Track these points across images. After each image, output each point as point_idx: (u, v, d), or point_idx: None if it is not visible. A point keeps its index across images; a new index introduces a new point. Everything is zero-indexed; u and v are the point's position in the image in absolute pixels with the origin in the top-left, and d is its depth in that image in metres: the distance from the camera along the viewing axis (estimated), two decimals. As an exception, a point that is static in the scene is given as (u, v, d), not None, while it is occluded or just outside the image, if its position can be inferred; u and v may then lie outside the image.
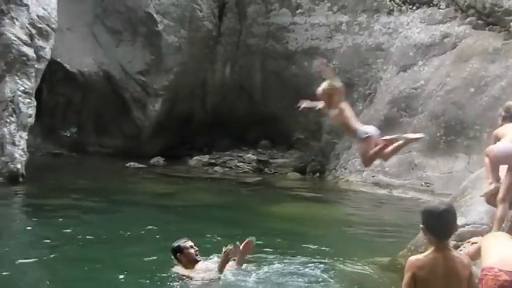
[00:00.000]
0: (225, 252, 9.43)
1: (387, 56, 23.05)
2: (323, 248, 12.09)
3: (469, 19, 21.61)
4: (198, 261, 9.65)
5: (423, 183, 20.23)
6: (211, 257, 10.06)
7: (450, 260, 5.08)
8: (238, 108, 26.60)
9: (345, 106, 8.77)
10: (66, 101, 26.76)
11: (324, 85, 8.77)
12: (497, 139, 8.89)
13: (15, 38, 18.87)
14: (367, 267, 10.70)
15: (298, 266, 10.52)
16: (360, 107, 22.88)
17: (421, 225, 5.18)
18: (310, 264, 10.64)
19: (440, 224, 5.06)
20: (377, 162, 20.95)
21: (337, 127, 22.19)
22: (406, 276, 5.12)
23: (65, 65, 25.83)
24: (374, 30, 23.69)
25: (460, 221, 7.83)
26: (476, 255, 6.69)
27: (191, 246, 9.62)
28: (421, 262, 5.10)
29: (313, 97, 9.04)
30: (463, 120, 20.08)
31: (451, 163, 19.91)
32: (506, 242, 6.55)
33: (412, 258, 5.21)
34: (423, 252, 5.34)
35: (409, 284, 5.09)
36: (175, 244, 9.72)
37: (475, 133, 19.65)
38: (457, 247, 8.70)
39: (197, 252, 9.65)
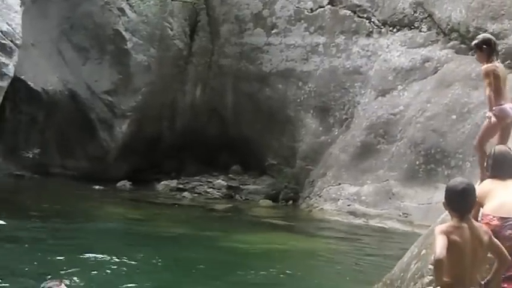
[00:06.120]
0: None
1: (365, 79, 22.45)
2: (294, 282, 11.33)
3: (451, 43, 21.09)
4: None
5: (401, 214, 19.80)
6: None
7: (474, 228, 5.81)
8: (209, 131, 25.70)
9: None
10: (30, 120, 25.68)
11: None
12: None
13: (-24, 55, 18.43)
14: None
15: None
16: (336, 133, 22.46)
17: (443, 201, 5.94)
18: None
19: (462, 201, 5.81)
20: (353, 190, 20.62)
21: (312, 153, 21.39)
22: (440, 237, 5.68)
23: (29, 82, 24.87)
24: (352, 52, 23.02)
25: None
26: None
27: None
28: (451, 229, 5.76)
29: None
30: (444, 148, 19.69)
31: (430, 193, 19.42)
32: (500, 189, 6.78)
33: (442, 225, 5.90)
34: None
35: (445, 243, 5.62)
36: (46, 285, 8.74)
37: (456, 162, 19.29)
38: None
39: None
